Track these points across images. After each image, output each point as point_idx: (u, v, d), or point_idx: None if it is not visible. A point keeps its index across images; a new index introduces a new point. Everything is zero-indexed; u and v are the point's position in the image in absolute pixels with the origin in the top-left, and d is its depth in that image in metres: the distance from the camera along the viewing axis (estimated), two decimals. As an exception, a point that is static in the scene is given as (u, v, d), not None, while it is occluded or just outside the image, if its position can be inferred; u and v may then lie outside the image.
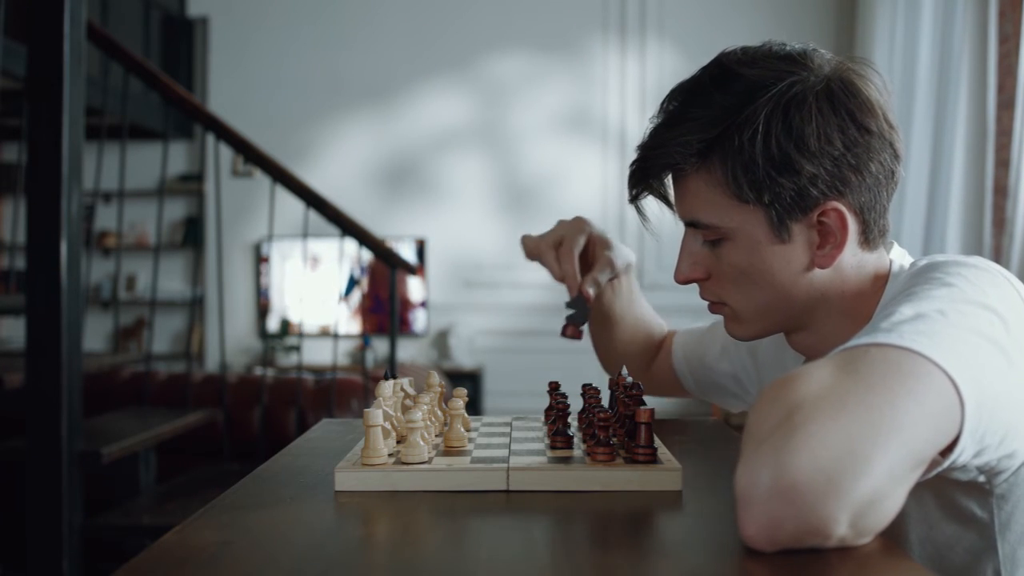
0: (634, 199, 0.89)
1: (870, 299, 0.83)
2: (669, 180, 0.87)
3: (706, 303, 0.91)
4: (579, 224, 1.12)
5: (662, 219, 0.96)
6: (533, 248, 1.12)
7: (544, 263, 1.11)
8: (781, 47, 0.82)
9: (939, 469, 0.66)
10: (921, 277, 0.76)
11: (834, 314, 0.85)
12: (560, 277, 1.10)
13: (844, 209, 0.80)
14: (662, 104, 0.84)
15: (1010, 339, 0.69)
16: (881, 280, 0.84)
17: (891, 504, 0.59)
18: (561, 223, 1.13)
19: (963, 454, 0.66)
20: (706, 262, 0.86)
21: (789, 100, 0.77)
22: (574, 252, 1.10)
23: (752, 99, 0.78)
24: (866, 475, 0.56)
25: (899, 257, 0.87)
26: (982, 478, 0.73)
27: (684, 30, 5.09)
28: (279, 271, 5.35)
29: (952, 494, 0.76)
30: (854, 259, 0.83)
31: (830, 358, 0.65)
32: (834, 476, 0.55)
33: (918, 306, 0.69)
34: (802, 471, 0.55)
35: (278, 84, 5.23)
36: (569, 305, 1.08)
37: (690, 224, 0.86)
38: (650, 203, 0.91)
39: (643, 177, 0.86)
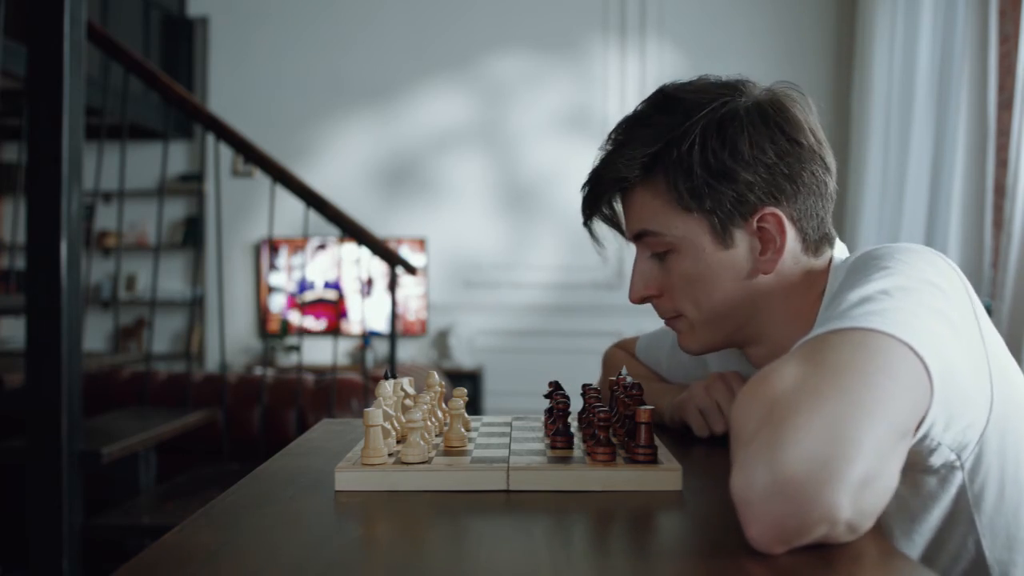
0: (587, 220, 0.94)
1: (816, 301, 0.87)
2: (619, 207, 0.93)
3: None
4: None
5: None
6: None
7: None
8: (717, 77, 0.92)
9: (913, 441, 0.67)
10: (858, 267, 0.78)
11: (782, 320, 0.88)
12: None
13: (781, 215, 0.85)
14: (610, 135, 0.91)
15: (951, 308, 0.72)
16: (823, 279, 0.88)
17: (887, 481, 0.59)
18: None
19: (935, 424, 0.68)
20: (658, 279, 0.91)
21: (723, 115, 0.85)
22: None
23: (689, 116, 0.85)
24: (857, 456, 0.57)
25: (838, 253, 0.91)
26: (952, 455, 0.74)
27: (684, 30, 5.09)
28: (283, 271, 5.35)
29: (927, 484, 0.77)
30: (797, 266, 0.88)
31: (794, 352, 0.67)
32: (827, 463, 0.56)
33: (862, 291, 0.71)
34: (795, 464, 0.56)
35: (278, 84, 5.23)
36: None
37: (638, 236, 0.90)
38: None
39: (594, 197, 0.91)
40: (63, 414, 1.90)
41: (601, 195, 0.91)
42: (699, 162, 0.83)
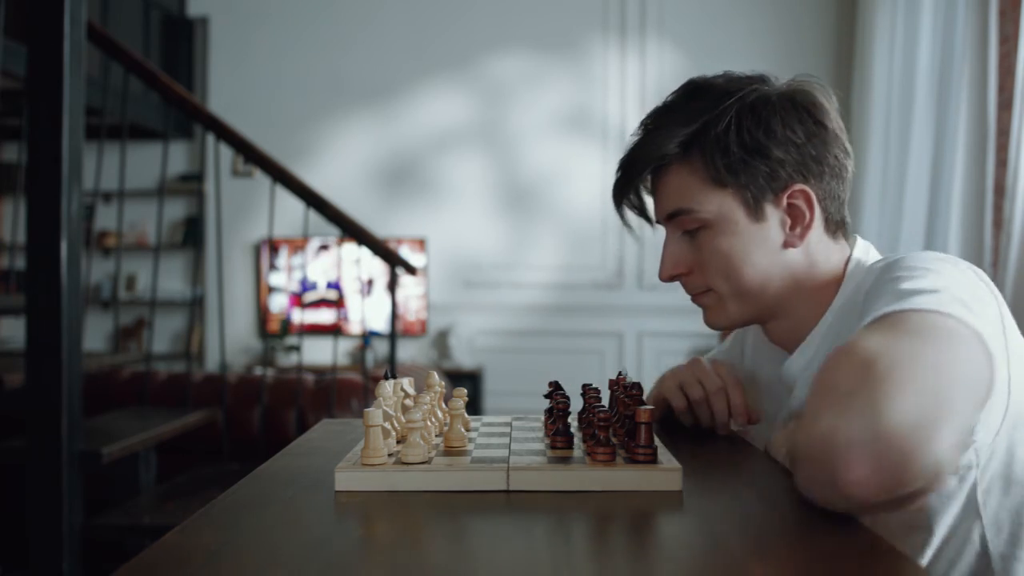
0: (619, 204, 0.98)
1: (833, 286, 0.93)
2: (645, 198, 0.98)
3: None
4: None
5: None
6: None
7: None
8: (742, 72, 0.97)
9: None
10: (896, 267, 0.82)
11: (804, 298, 0.93)
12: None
13: (810, 191, 0.91)
14: (641, 123, 0.96)
15: (978, 315, 0.75)
16: (843, 269, 0.94)
17: (966, 442, 0.66)
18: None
19: (994, 405, 0.75)
20: (687, 257, 0.95)
21: (755, 99, 0.91)
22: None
23: (722, 101, 0.91)
24: (953, 417, 0.62)
25: (862, 252, 0.96)
26: (974, 455, 0.79)
27: (684, 30, 5.09)
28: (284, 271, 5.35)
29: (949, 482, 0.80)
30: (820, 245, 0.93)
31: (873, 326, 0.72)
32: (929, 421, 0.60)
33: (914, 284, 0.75)
34: (900, 418, 0.60)
35: (278, 84, 5.23)
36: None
37: (672, 216, 0.94)
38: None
39: (628, 178, 0.95)
40: (63, 414, 1.90)
41: (636, 176, 0.94)
42: (735, 140, 0.89)
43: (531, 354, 5.05)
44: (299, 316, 5.20)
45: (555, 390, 0.89)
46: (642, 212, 0.99)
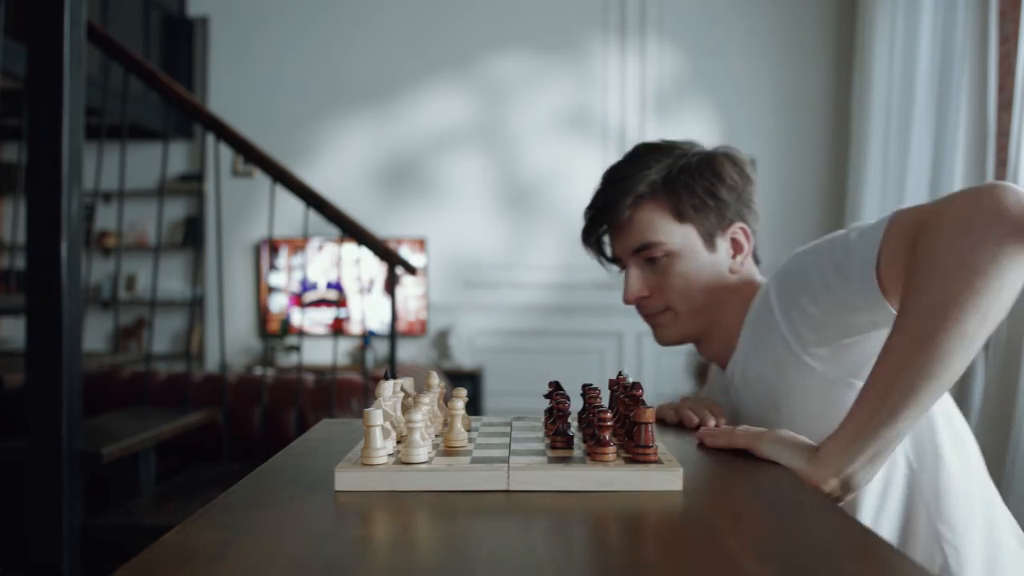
0: (594, 238, 1.18)
1: (747, 305, 1.11)
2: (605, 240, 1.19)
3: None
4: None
5: None
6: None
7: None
8: (675, 139, 1.19)
9: None
10: (802, 254, 1.02)
11: (730, 315, 1.12)
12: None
13: (747, 227, 1.15)
14: (605, 176, 1.17)
15: None
16: (754, 287, 1.13)
17: None
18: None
19: None
20: (649, 281, 1.14)
21: (705, 156, 1.15)
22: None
23: (683, 156, 1.14)
24: None
25: (760, 274, 1.18)
26: None
27: (684, 30, 5.09)
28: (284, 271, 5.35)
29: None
30: (746, 269, 1.15)
31: (909, 217, 0.87)
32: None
33: (846, 233, 0.96)
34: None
35: (278, 84, 5.23)
36: None
37: (641, 248, 1.12)
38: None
39: (608, 214, 1.14)
40: (63, 414, 1.90)
41: (614, 215, 1.13)
42: (697, 184, 1.11)
43: (531, 354, 5.06)
44: (299, 317, 5.20)
45: (555, 390, 0.89)
46: (601, 251, 1.19)
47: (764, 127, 5.07)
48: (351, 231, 2.97)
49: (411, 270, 3.20)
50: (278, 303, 5.34)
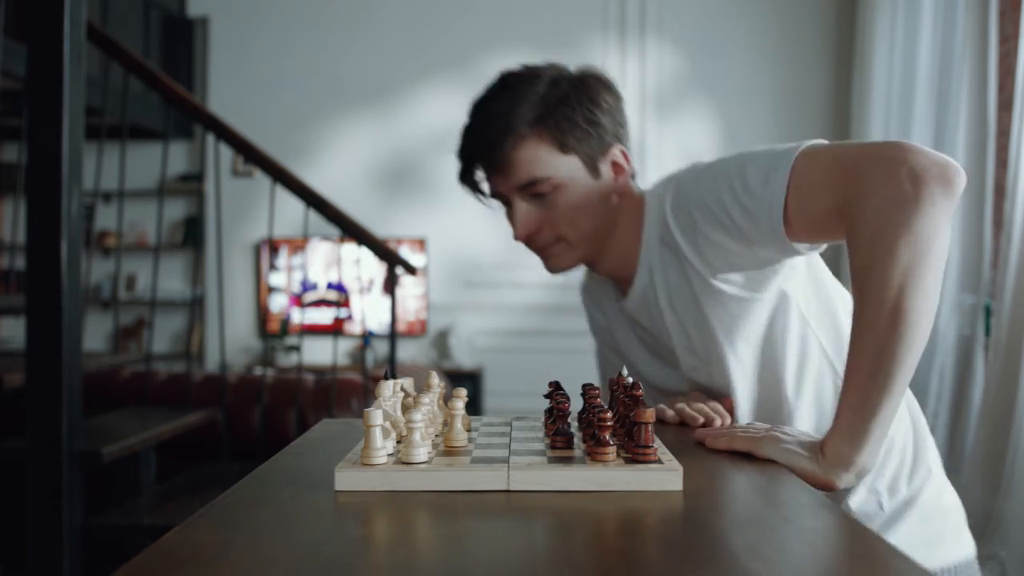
0: (471, 177, 1.16)
1: (641, 217, 1.12)
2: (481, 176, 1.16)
3: None
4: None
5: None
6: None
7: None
8: (535, 63, 1.16)
9: None
10: (694, 171, 1.07)
11: (624, 230, 1.14)
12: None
13: (624, 149, 1.14)
14: (475, 109, 1.15)
15: None
16: (640, 202, 1.13)
17: None
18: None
19: None
20: (536, 216, 1.12)
21: (578, 80, 1.12)
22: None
23: (557, 85, 1.11)
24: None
25: (644, 187, 1.18)
26: None
27: (684, 30, 5.09)
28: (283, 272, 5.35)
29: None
30: (629, 189, 1.15)
31: (836, 167, 0.90)
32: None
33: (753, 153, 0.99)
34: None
35: (278, 84, 5.24)
36: None
37: (527, 185, 1.10)
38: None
39: (487, 151, 1.11)
40: (63, 414, 1.90)
41: (496, 153, 1.09)
42: (579, 114, 1.09)
43: (531, 354, 5.05)
44: (299, 316, 5.19)
45: (555, 390, 0.89)
46: (478, 189, 1.17)
47: (764, 127, 5.07)
48: (351, 231, 2.97)
49: (411, 270, 3.20)
50: (278, 303, 5.34)
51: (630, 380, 0.84)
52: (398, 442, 0.82)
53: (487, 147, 1.11)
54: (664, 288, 1.09)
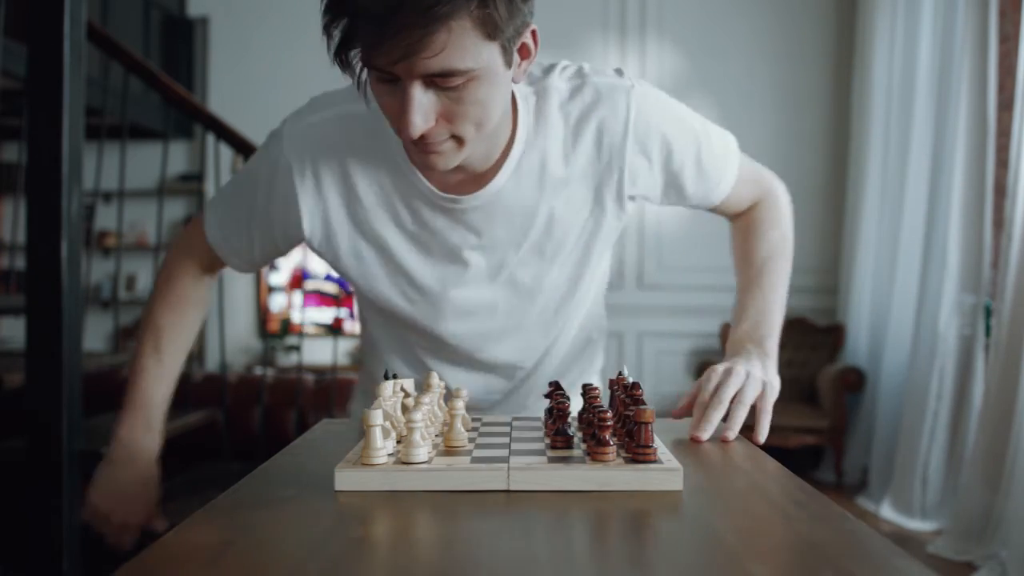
0: (349, 45, 0.88)
1: (517, 110, 1.03)
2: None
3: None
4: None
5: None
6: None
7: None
8: None
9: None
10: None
11: (504, 123, 1.01)
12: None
13: (535, 28, 0.93)
14: None
15: None
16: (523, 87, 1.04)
17: None
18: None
19: None
20: (435, 109, 0.88)
21: None
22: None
23: None
24: None
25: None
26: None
27: (684, 30, 5.09)
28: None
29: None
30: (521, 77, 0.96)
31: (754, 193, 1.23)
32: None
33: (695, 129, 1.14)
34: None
35: (278, 84, 5.24)
36: None
37: (439, 75, 0.85)
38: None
39: (403, 29, 0.81)
40: (63, 414, 1.90)
41: (404, 34, 0.81)
42: None
43: (531, 354, 5.05)
44: (299, 313, 5.19)
45: (555, 390, 0.89)
46: (348, 65, 0.90)
47: (764, 127, 5.07)
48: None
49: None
50: (278, 303, 5.34)
51: (630, 380, 0.84)
52: (398, 442, 0.82)
53: (405, 22, 0.80)
54: (546, 184, 1.05)
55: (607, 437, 0.77)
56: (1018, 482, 2.92)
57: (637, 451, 0.75)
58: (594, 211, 1.09)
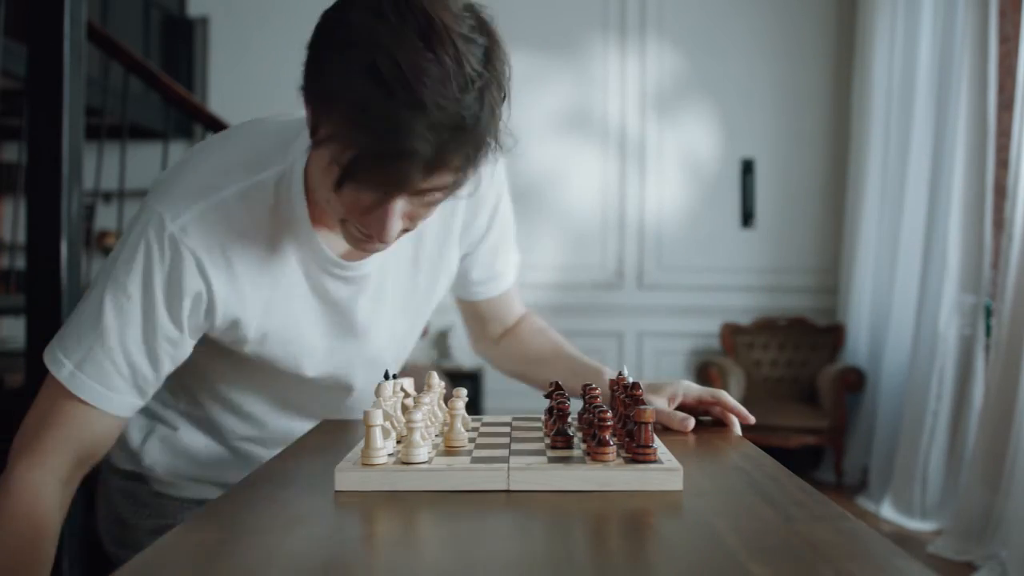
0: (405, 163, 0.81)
1: None
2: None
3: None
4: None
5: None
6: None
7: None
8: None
9: None
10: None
11: None
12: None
13: None
14: (452, 121, 0.84)
15: None
16: None
17: None
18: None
19: None
20: (406, 212, 0.87)
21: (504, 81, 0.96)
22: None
23: (499, 88, 0.95)
24: None
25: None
26: None
27: (684, 30, 5.09)
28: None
29: None
30: None
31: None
32: None
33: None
34: None
35: (278, 84, 5.23)
36: None
37: (434, 196, 0.86)
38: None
39: (459, 167, 0.86)
40: (63, 414, 1.90)
41: (456, 172, 0.86)
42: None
43: (531, 354, 5.05)
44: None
45: (555, 390, 0.89)
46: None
47: (764, 127, 5.07)
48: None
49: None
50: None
51: (630, 380, 0.84)
52: (398, 442, 0.82)
53: (460, 165, 0.85)
54: (422, 244, 1.15)
55: (607, 437, 0.77)
56: (1018, 482, 2.92)
57: (637, 451, 0.75)
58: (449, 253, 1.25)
